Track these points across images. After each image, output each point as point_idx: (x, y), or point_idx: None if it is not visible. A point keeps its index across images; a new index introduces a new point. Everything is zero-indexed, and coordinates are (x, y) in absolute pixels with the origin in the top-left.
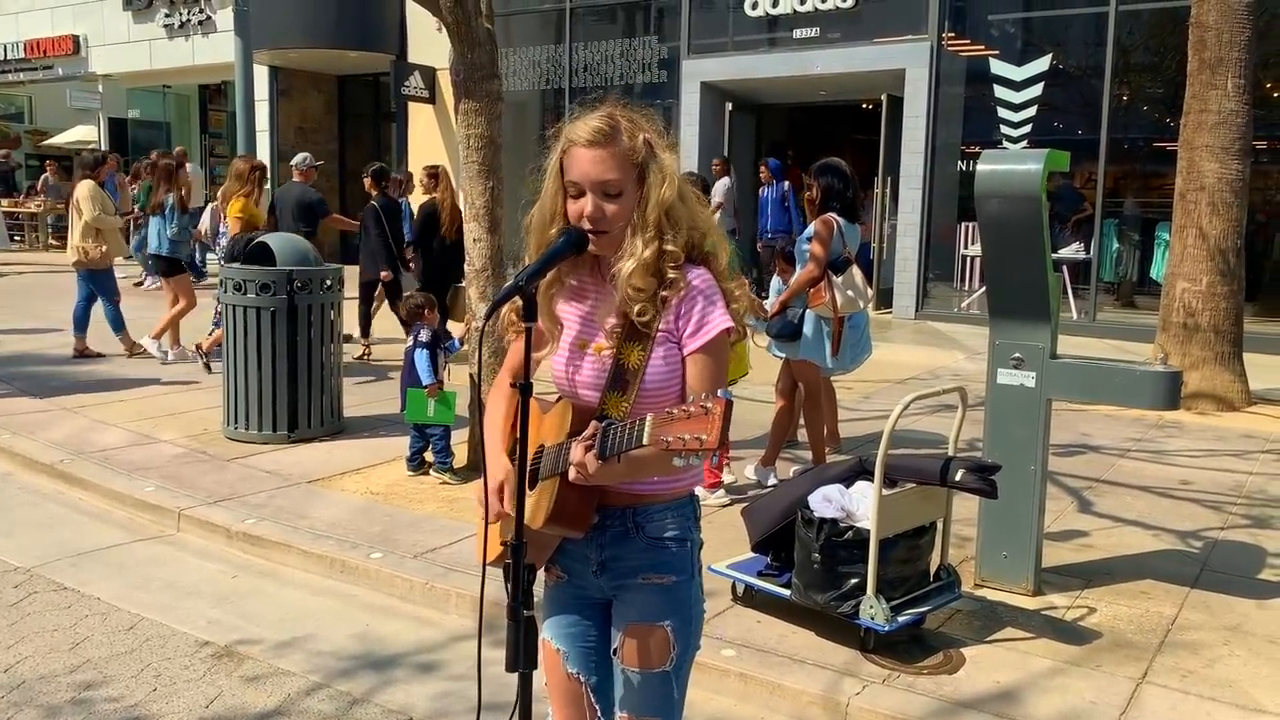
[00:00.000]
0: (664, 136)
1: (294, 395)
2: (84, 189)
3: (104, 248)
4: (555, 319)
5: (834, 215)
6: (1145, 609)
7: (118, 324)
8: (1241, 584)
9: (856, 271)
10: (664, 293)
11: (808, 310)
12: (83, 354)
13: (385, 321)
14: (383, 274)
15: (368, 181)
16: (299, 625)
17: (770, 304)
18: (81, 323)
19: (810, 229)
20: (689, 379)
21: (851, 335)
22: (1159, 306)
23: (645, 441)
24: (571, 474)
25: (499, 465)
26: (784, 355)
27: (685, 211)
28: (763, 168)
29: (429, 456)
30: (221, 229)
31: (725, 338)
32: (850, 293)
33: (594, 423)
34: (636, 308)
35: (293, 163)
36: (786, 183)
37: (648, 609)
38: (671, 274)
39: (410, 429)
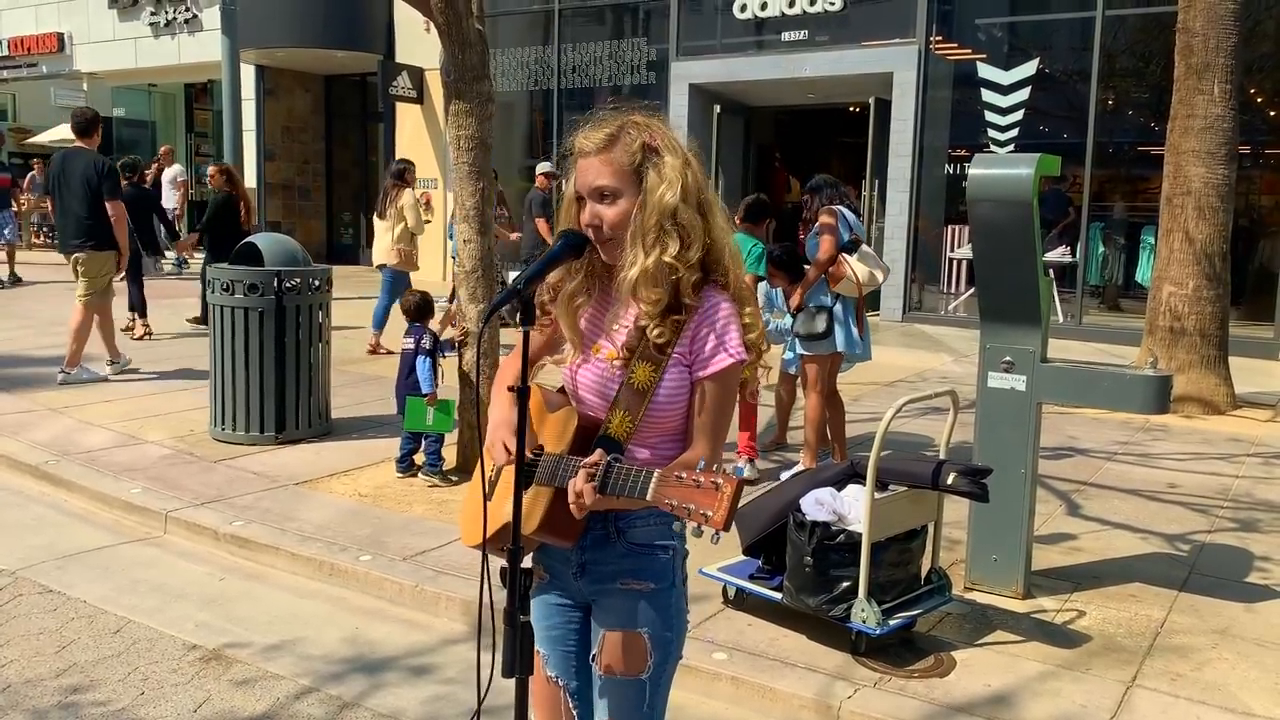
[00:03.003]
0: (675, 143)
1: (281, 396)
2: (408, 198)
3: (416, 252)
4: (578, 331)
5: (837, 206)
6: (1134, 612)
7: (381, 321)
8: (1229, 587)
9: (867, 248)
10: (678, 317)
11: (837, 301)
12: (374, 351)
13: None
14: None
15: (125, 175)
16: (288, 628)
17: (792, 301)
18: (380, 321)
19: (817, 226)
20: (696, 405)
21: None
22: (1145, 310)
23: (649, 498)
24: (570, 497)
25: (507, 414)
26: (817, 352)
27: (696, 220)
28: None
29: (419, 458)
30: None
31: (738, 369)
32: (869, 266)
33: (599, 451)
34: (655, 330)
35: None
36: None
37: (626, 615)
38: (688, 300)
39: (402, 431)
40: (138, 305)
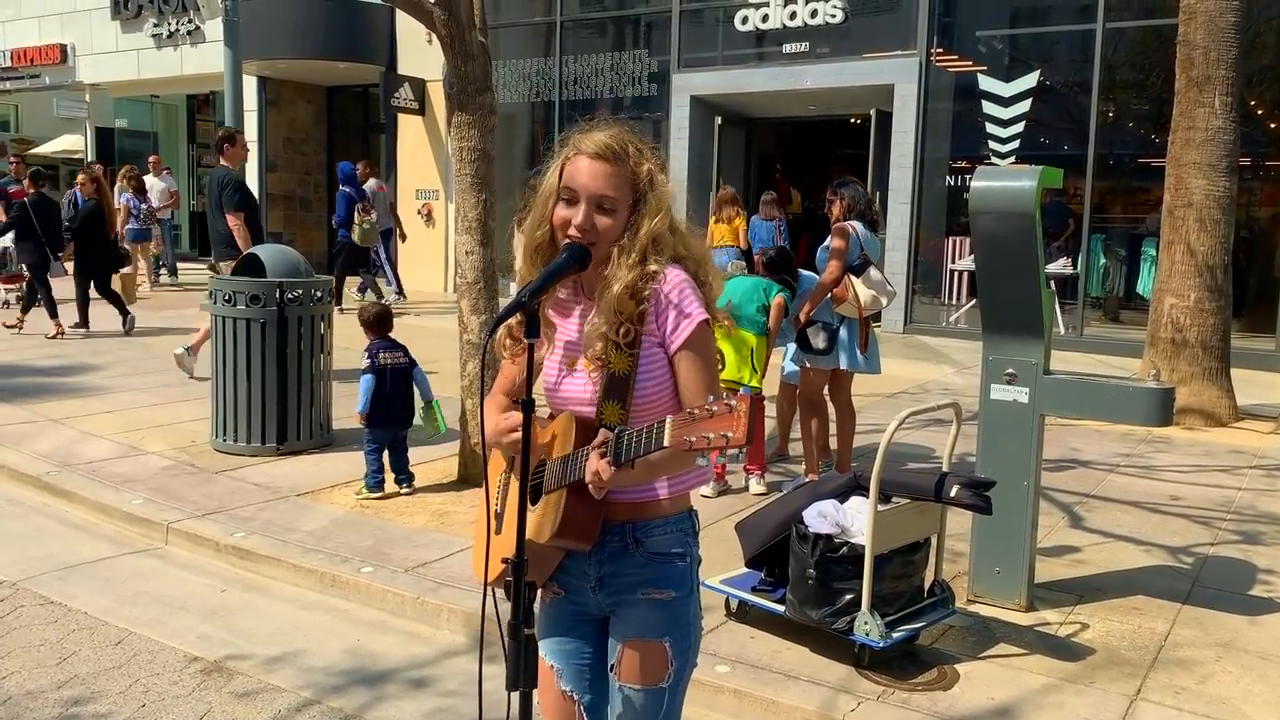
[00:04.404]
0: (663, 170)
1: (283, 407)
2: None
3: None
4: (549, 323)
5: (851, 224)
6: (1138, 625)
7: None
8: (1233, 600)
9: (874, 271)
10: (643, 308)
11: (841, 324)
12: None
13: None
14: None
15: (26, 181)
16: (289, 640)
17: (800, 316)
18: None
19: (828, 242)
20: (681, 377)
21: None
22: (1147, 322)
23: (666, 444)
24: (588, 478)
25: (508, 418)
26: (814, 365)
27: (672, 241)
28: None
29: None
30: None
31: (707, 329)
32: (873, 291)
33: (603, 430)
34: (622, 330)
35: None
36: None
37: (646, 624)
38: (647, 292)
39: (366, 449)
40: (49, 306)
